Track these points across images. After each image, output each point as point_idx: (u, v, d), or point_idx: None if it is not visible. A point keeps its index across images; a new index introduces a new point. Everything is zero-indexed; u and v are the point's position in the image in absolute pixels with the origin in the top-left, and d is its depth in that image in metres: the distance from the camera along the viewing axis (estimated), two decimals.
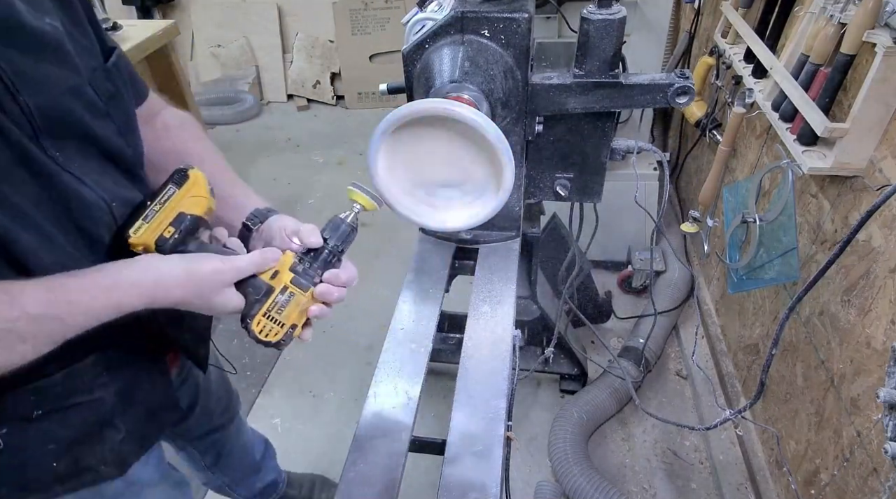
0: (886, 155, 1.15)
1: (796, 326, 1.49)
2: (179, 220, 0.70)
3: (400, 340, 0.98)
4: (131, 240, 0.69)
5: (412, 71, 1.02)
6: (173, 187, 0.71)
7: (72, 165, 0.67)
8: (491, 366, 0.93)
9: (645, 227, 2.34)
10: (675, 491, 1.77)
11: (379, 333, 2.34)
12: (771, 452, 1.64)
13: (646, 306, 2.29)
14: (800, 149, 1.27)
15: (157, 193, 0.71)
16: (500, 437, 0.82)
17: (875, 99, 1.12)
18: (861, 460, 1.20)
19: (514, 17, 0.95)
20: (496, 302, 1.05)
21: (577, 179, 1.20)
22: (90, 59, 0.71)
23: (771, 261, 1.46)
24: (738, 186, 1.66)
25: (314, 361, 2.24)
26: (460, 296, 1.22)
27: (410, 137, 0.82)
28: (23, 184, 0.62)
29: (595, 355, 2.10)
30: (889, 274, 1.12)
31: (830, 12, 1.22)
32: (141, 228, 0.69)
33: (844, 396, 1.27)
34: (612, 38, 0.98)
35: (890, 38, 1.06)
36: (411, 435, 0.84)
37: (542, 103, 1.05)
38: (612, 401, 1.91)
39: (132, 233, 0.69)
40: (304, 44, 4.11)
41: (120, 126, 0.74)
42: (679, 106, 1.02)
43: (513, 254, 1.16)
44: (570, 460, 1.69)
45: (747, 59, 1.67)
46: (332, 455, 1.90)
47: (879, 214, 1.15)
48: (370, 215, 0.81)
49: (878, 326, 1.15)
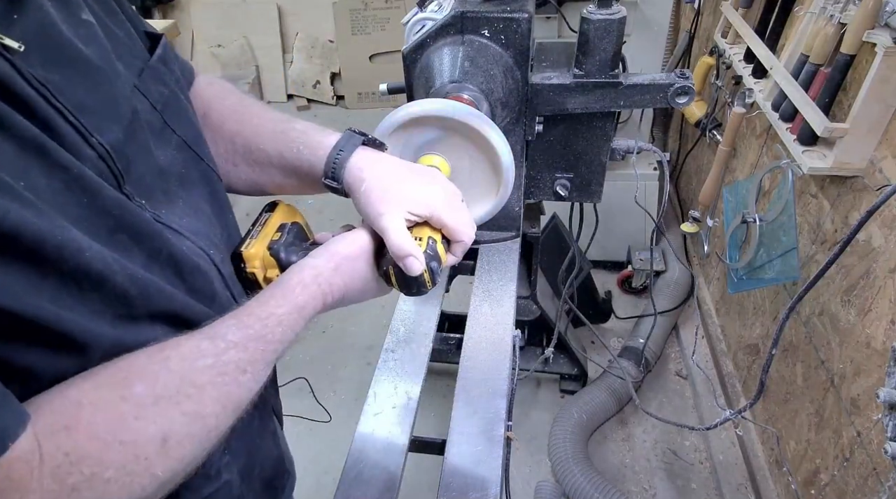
0: (886, 155, 1.15)
1: (796, 326, 1.49)
2: (283, 227, 0.70)
3: (400, 340, 0.98)
4: (244, 253, 0.66)
5: (412, 71, 1.02)
6: (267, 214, 0.71)
7: (163, 215, 0.55)
8: (491, 366, 0.93)
9: (645, 227, 2.34)
10: (675, 491, 1.77)
11: (379, 333, 2.35)
12: (771, 452, 1.64)
13: (646, 306, 2.29)
14: (800, 149, 1.27)
15: (254, 222, 0.70)
16: (500, 437, 0.82)
17: (875, 99, 1.12)
18: (861, 460, 1.20)
19: (514, 17, 0.95)
20: (496, 302, 1.05)
21: (577, 179, 1.20)
22: (132, 57, 0.57)
23: (771, 261, 1.46)
24: (738, 186, 1.66)
25: (314, 361, 2.24)
26: (460, 296, 1.22)
27: (410, 137, 0.82)
28: (128, 253, 0.49)
29: (595, 355, 2.10)
30: (889, 274, 1.12)
31: (830, 12, 1.22)
32: (250, 243, 0.67)
33: (844, 396, 1.27)
34: (612, 38, 0.98)
35: (890, 38, 1.06)
36: (411, 435, 0.84)
37: (542, 103, 1.05)
38: (612, 401, 1.91)
39: (243, 249, 0.67)
40: (304, 44, 4.11)
41: (183, 136, 0.61)
42: (679, 106, 1.02)
43: (513, 254, 1.16)
44: (570, 460, 1.69)
45: (747, 59, 1.67)
46: (332, 455, 1.90)
47: (879, 214, 1.15)
48: None
49: (878, 326, 1.15)
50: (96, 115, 0.48)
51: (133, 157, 0.52)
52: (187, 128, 0.62)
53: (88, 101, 0.48)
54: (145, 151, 0.54)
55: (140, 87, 0.56)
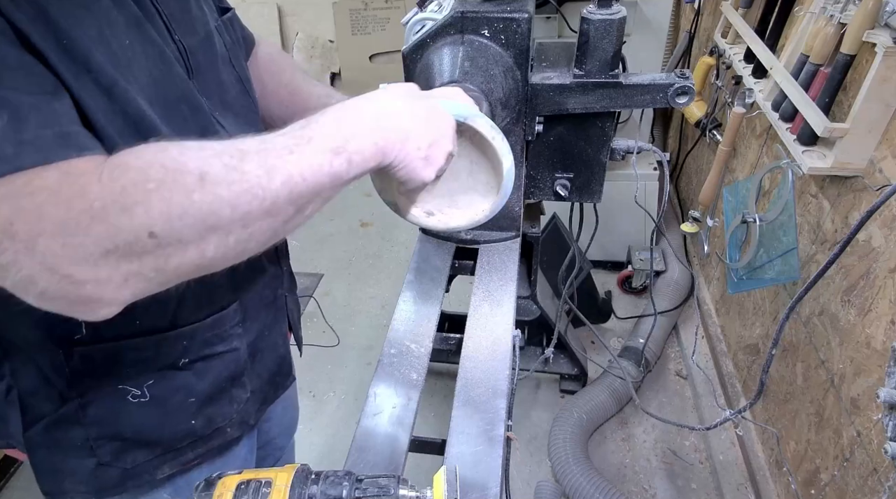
0: (886, 155, 1.15)
1: (796, 326, 1.49)
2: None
3: (400, 340, 0.98)
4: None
5: (412, 71, 1.02)
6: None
7: (214, 111, 0.69)
8: (491, 366, 0.93)
9: (645, 227, 2.34)
10: (675, 491, 1.77)
11: (379, 333, 2.35)
12: (771, 452, 1.65)
13: (646, 306, 2.29)
14: (800, 149, 1.27)
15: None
16: (500, 437, 0.82)
17: (875, 99, 1.12)
18: (861, 460, 1.20)
19: (514, 17, 0.95)
20: (496, 302, 1.05)
21: (577, 179, 1.20)
22: (212, 11, 0.77)
23: (771, 261, 1.46)
24: (738, 186, 1.66)
25: (314, 362, 2.24)
26: (460, 296, 1.22)
27: None
28: (185, 123, 0.64)
29: (595, 355, 2.10)
30: (889, 274, 1.12)
31: (830, 12, 1.22)
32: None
33: (844, 396, 1.27)
34: (612, 38, 0.98)
35: (890, 38, 1.06)
36: (411, 435, 0.84)
37: (542, 103, 1.05)
38: (612, 401, 1.91)
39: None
40: (304, 44, 4.11)
41: (240, 75, 0.78)
42: (679, 106, 1.02)
43: (513, 254, 1.16)
44: (570, 460, 1.69)
45: (747, 59, 1.67)
46: (332, 455, 1.90)
47: (879, 214, 1.15)
48: (370, 215, 0.81)
49: (878, 326, 1.15)
50: (181, 24, 0.66)
51: (203, 63, 0.69)
52: (244, 72, 0.80)
53: (177, 13, 0.66)
54: (213, 65, 0.72)
55: (217, 28, 0.75)
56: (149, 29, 0.61)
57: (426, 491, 0.62)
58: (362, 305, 2.51)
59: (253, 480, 0.57)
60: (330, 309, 2.48)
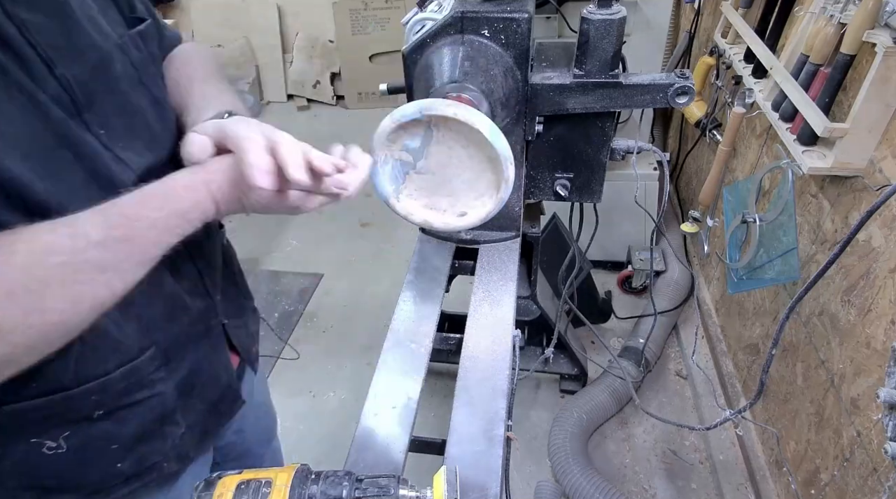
0: (886, 155, 1.15)
1: (796, 326, 1.49)
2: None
3: (400, 340, 0.98)
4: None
5: (412, 71, 1.02)
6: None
7: (115, 145, 0.64)
8: (491, 366, 0.93)
9: (645, 227, 2.34)
10: (675, 491, 1.77)
11: (379, 333, 2.34)
12: (771, 452, 1.65)
13: (646, 306, 2.29)
14: (800, 149, 1.27)
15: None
16: (500, 437, 0.82)
17: (875, 99, 1.12)
18: (861, 460, 1.20)
19: (514, 17, 0.95)
20: (496, 302, 1.05)
21: (577, 179, 1.20)
22: (116, 25, 0.68)
23: (771, 261, 1.46)
24: (738, 186, 1.66)
25: (314, 362, 2.24)
26: (460, 296, 1.22)
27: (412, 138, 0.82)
28: (67, 172, 0.59)
29: (595, 355, 2.10)
30: (889, 274, 1.12)
31: (830, 12, 1.22)
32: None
33: (844, 396, 1.27)
34: (612, 38, 0.98)
35: (890, 38, 1.06)
36: (411, 435, 0.84)
37: (542, 103, 1.05)
38: (612, 401, 1.91)
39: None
40: (304, 44, 4.11)
41: (156, 95, 0.72)
42: (679, 106, 1.02)
43: (513, 254, 1.16)
44: (570, 460, 1.69)
45: (747, 59, 1.67)
46: (332, 455, 1.90)
47: (879, 214, 1.15)
48: (370, 215, 0.81)
49: (878, 326, 1.15)
50: (66, 53, 0.59)
51: (98, 92, 0.62)
52: (160, 91, 0.74)
53: (59, 42, 0.58)
54: (112, 91, 0.64)
55: (122, 46, 0.67)
56: (14, 73, 0.54)
57: (426, 491, 0.63)
58: (362, 305, 2.51)
59: (253, 480, 0.58)
60: (330, 309, 2.48)
